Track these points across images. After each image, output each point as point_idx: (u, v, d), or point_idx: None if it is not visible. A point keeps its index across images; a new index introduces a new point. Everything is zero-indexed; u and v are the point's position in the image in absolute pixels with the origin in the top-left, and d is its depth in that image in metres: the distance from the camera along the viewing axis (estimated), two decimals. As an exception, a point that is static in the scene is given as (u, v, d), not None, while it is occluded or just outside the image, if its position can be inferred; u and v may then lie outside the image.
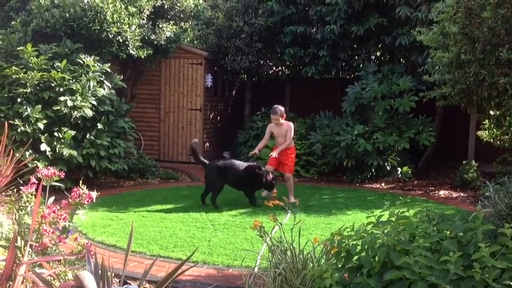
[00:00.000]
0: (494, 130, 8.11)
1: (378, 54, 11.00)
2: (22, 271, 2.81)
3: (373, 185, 9.13)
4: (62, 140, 7.45)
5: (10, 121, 7.00)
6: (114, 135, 8.21)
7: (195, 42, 12.67)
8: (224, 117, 12.16)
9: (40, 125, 7.24)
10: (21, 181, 4.32)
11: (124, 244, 5.20)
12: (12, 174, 4.23)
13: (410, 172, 9.16)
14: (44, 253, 3.30)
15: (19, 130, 7.08)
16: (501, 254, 2.89)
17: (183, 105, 11.10)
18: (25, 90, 7.32)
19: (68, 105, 7.50)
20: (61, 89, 7.57)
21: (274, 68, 12.32)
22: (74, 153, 7.44)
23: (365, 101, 9.24)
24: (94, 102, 7.87)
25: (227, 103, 12.40)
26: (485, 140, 8.37)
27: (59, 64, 7.73)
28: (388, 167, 9.22)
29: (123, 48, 8.78)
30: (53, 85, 7.53)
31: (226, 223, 6.23)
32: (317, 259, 3.61)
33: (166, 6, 10.02)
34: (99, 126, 7.92)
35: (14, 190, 4.17)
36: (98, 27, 8.22)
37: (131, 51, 8.90)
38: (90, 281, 2.35)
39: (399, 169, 9.19)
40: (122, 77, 8.94)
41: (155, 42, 9.50)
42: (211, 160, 7.59)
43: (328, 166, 9.79)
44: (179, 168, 10.38)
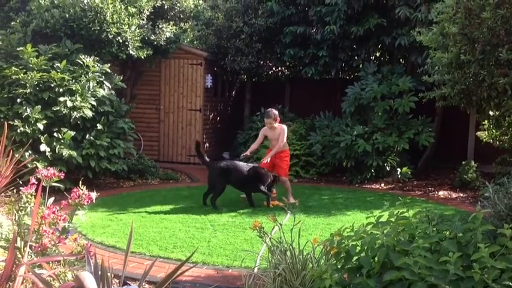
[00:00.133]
0: (493, 131, 8.11)
1: (378, 54, 11.01)
2: (22, 272, 2.81)
3: (372, 186, 9.13)
4: (62, 141, 7.45)
5: (10, 122, 7.00)
6: (113, 135, 8.21)
7: (195, 42, 12.68)
8: (224, 117, 12.16)
9: (40, 126, 7.24)
10: (20, 182, 4.33)
11: (123, 245, 5.20)
12: (11, 174, 4.23)
13: (409, 173, 9.15)
14: (44, 254, 3.31)
15: (19, 131, 7.08)
16: (500, 255, 2.89)
17: (183, 105, 11.10)
18: (25, 90, 7.32)
19: (68, 105, 7.50)
20: (61, 90, 7.57)
21: (274, 69, 12.32)
22: (74, 153, 7.44)
23: (364, 102, 9.24)
24: (94, 102, 7.87)
25: (227, 103, 12.40)
26: (484, 141, 8.37)
27: (59, 64, 7.73)
28: (388, 168, 9.23)
29: (122, 48, 8.78)
30: (53, 85, 7.53)
31: (225, 224, 6.23)
32: (317, 260, 3.61)
33: (166, 6, 10.03)
34: (98, 126, 7.92)
35: (14, 191, 4.18)
36: (98, 27, 8.22)
37: (131, 51, 8.90)
38: (90, 282, 2.36)
39: (399, 170, 9.19)
40: (122, 78, 8.94)
41: (155, 42, 9.50)
42: (210, 161, 7.58)
43: (327, 167, 9.79)
44: (179, 168, 10.39)
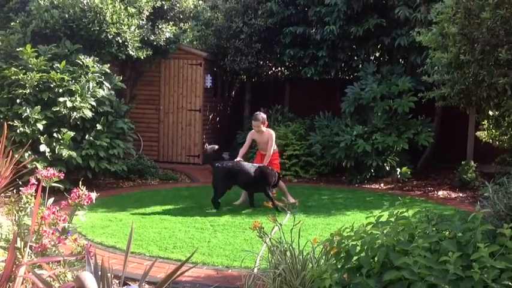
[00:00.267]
0: (493, 130, 8.12)
1: (377, 54, 11.01)
2: (22, 272, 2.81)
3: (372, 186, 9.13)
4: (61, 141, 7.45)
5: (9, 122, 7.00)
6: (113, 136, 8.21)
7: (195, 43, 12.68)
8: (223, 117, 12.16)
9: (39, 126, 7.24)
10: (20, 182, 4.33)
11: (123, 245, 5.20)
12: (11, 175, 4.23)
13: (409, 172, 9.16)
14: (44, 254, 3.31)
15: (18, 131, 7.08)
16: (500, 254, 2.90)
17: (183, 106, 11.10)
18: (24, 91, 7.32)
19: (67, 106, 7.50)
20: (60, 90, 7.57)
21: (273, 69, 12.31)
22: (73, 154, 7.44)
23: (364, 102, 9.24)
24: (93, 103, 7.87)
25: (226, 104, 12.40)
26: (484, 141, 8.38)
27: (58, 65, 7.73)
28: (387, 168, 9.23)
29: (122, 49, 8.78)
30: (52, 86, 7.54)
31: (225, 224, 6.23)
32: (316, 260, 3.61)
33: (165, 7, 10.03)
34: (98, 127, 7.92)
35: (14, 191, 4.18)
36: (97, 28, 8.22)
37: (131, 52, 8.90)
38: (91, 282, 2.36)
39: (398, 169, 9.19)
40: (122, 78, 8.94)
41: (155, 43, 9.50)
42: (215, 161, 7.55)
43: (327, 167, 9.79)
44: (178, 169, 10.39)
